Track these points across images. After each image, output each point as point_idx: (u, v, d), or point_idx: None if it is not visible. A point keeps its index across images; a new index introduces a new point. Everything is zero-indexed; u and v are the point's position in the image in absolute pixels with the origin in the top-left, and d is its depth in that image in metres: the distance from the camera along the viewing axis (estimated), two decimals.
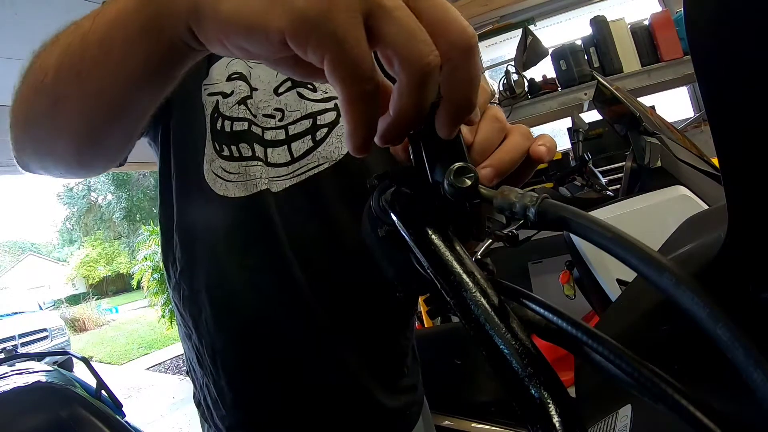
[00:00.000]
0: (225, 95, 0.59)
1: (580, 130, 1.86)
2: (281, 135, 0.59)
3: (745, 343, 0.17)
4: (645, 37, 2.47)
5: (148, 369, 7.21)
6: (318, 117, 0.60)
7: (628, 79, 2.45)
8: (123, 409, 1.41)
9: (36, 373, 1.40)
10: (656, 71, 2.45)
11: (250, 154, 0.57)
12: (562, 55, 2.58)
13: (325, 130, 0.59)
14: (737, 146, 0.23)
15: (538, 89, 2.69)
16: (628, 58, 2.48)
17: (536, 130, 3.25)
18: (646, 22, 2.49)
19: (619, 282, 1.03)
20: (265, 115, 0.60)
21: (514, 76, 2.71)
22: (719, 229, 0.28)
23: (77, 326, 13.26)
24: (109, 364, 7.84)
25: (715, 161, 1.02)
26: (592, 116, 2.43)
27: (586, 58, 2.56)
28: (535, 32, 2.74)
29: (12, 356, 1.61)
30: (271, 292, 0.58)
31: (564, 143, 3.02)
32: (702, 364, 0.27)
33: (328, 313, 0.60)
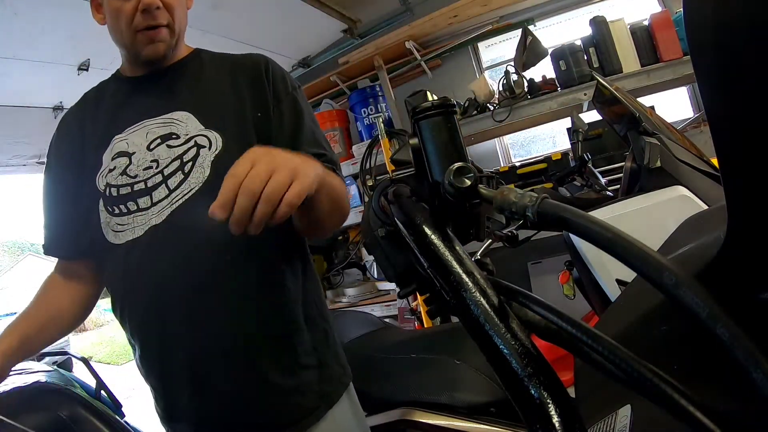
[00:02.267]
0: (111, 170, 0.79)
1: (580, 130, 1.86)
2: (159, 178, 0.77)
3: (745, 343, 0.17)
4: (644, 38, 2.47)
5: None
6: (184, 156, 0.78)
7: (628, 80, 2.45)
8: (123, 409, 1.41)
9: (35, 373, 1.39)
10: (656, 71, 2.45)
11: (135, 208, 0.77)
12: (562, 55, 2.58)
13: (190, 163, 0.77)
14: (737, 146, 0.23)
15: (537, 89, 2.69)
16: (628, 58, 2.48)
17: (536, 131, 3.25)
18: (646, 23, 2.49)
19: (619, 282, 1.03)
20: (144, 169, 0.78)
21: (514, 77, 2.71)
22: (719, 229, 0.28)
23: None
24: (109, 364, 7.83)
25: (715, 161, 1.02)
26: (591, 116, 2.42)
27: (585, 58, 2.56)
28: (534, 32, 2.74)
29: None
30: (173, 288, 0.74)
31: (564, 143, 3.02)
32: (701, 364, 0.27)
33: (215, 300, 0.74)
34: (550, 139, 3.28)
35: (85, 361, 1.54)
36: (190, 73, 0.86)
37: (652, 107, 2.06)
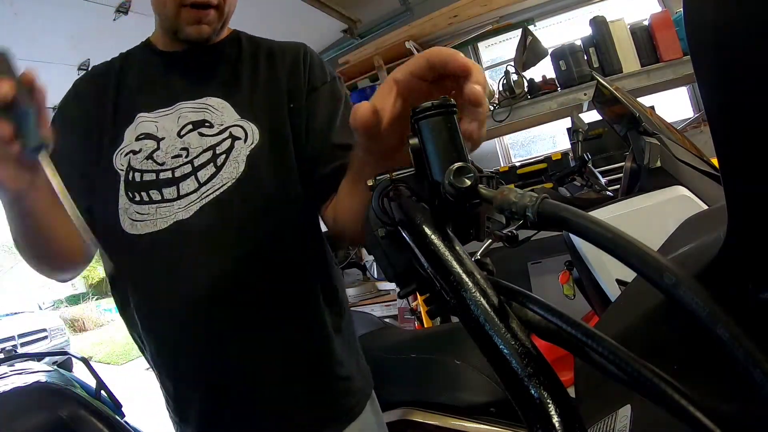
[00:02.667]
0: (135, 152, 0.73)
1: (580, 130, 1.86)
2: (188, 168, 0.71)
3: (745, 343, 0.17)
4: (645, 38, 2.47)
5: (147, 369, 7.16)
6: (216, 147, 0.72)
7: (628, 80, 2.45)
8: (122, 409, 1.41)
9: (35, 373, 1.40)
10: (656, 71, 2.45)
11: (159, 198, 0.70)
12: (562, 55, 2.58)
13: (223, 156, 0.72)
14: (737, 146, 0.23)
15: (537, 89, 2.69)
16: (628, 58, 2.48)
17: (536, 131, 3.25)
18: (646, 23, 2.49)
19: (619, 282, 1.03)
20: (173, 157, 0.72)
21: (514, 77, 2.71)
22: (719, 229, 0.28)
23: (77, 326, 13.21)
24: (109, 364, 7.82)
25: (715, 161, 1.02)
26: (591, 116, 2.42)
27: (585, 58, 2.56)
28: (534, 32, 2.74)
29: (11, 356, 1.60)
30: (188, 292, 0.69)
31: (564, 143, 3.02)
32: (702, 364, 0.27)
33: (244, 305, 0.70)
34: (550, 139, 3.28)
35: (85, 361, 1.54)
36: (228, 57, 0.80)
37: (652, 107, 2.06)
